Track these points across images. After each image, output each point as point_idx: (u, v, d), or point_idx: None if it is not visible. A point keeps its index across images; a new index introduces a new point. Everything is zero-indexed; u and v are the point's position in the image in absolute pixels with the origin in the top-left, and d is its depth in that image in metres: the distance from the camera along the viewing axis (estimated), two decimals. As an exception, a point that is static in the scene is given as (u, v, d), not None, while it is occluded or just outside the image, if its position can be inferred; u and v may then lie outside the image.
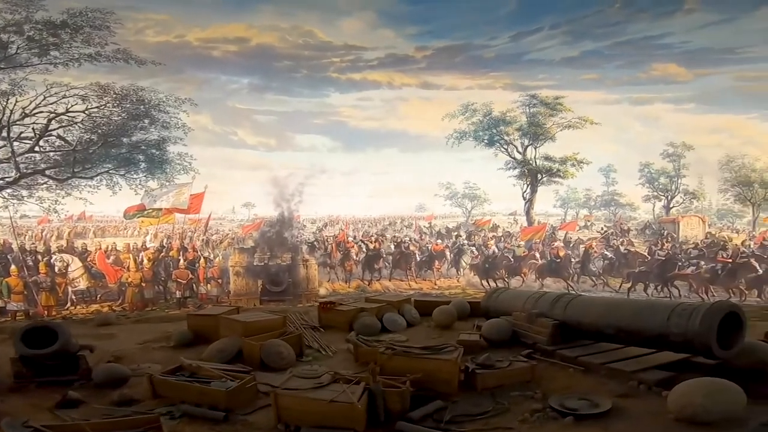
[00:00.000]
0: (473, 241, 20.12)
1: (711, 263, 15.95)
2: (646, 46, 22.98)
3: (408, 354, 3.93)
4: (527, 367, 4.03)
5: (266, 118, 32.23)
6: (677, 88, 23.27)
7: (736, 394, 2.83)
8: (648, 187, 24.13)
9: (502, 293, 6.13)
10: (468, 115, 23.34)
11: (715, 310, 3.68)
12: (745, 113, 22.83)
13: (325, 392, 3.24)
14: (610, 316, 4.34)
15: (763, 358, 3.90)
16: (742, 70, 21.76)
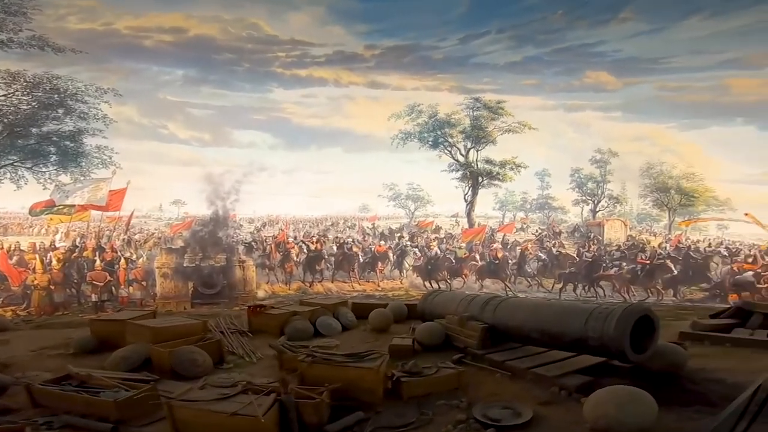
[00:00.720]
0: (416, 242, 20.25)
1: (632, 264, 17.13)
2: (583, 54, 24.40)
3: (329, 362, 3.75)
4: (454, 373, 3.95)
5: (201, 112, 30.60)
6: (607, 96, 24.86)
7: (647, 405, 2.85)
8: (577, 191, 25.68)
9: (437, 296, 6.07)
10: (414, 116, 23.57)
11: (628, 314, 3.74)
12: (665, 122, 24.80)
13: (229, 404, 2.95)
14: (535, 319, 4.38)
15: (674, 360, 4.05)
16: (665, 80, 23.50)
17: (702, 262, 16.51)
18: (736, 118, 23.30)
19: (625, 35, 23.35)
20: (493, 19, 24.74)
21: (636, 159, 24.27)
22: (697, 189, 22.28)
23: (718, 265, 16.80)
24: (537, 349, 4.49)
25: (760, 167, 22.61)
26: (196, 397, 3.07)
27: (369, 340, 5.56)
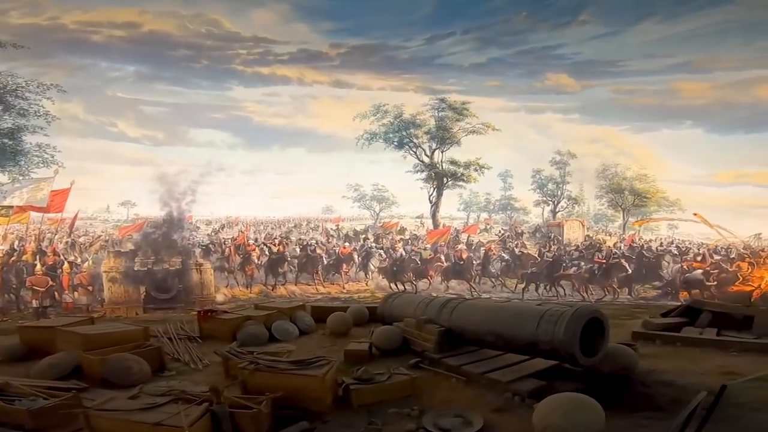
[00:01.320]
0: (381, 243, 20.14)
1: (589, 264, 17.63)
2: (544, 56, 24.87)
3: (272, 369, 3.58)
4: (407, 380, 3.85)
5: (154, 110, 29.21)
6: (566, 99, 25.47)
7: (595, 413, 2.80)
8: (538, 192, 26.31)
9: (396, 298, 5.97)
10: (379, 116, 23.48)
11: (577, 317, 3.70)
12: (619, 125, 25.69)
13: (154, 414, 2.78)
14: (489, 322, 4.32)
15: (625, 363, 4.05)
16: (619, 83, 24.30)
17: (654, 261, 17.18)
18: (685, 121, 24.48)
19: (583, 38, 23.96)
20: (458, 20, 24.97)
21: (593, 161, 25.26)
22: (649, 190, 23.39)
23: (669, 264, 17.56)
24: (493, 353, 4.43)
25: (707, 169, 23.86)
26: (118, 407, 2.89)
27: (326, 344, 5.46)
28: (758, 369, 4.15)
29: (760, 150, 21.89)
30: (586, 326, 3.76)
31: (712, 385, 3.65)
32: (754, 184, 22.76)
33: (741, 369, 4.21)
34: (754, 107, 21.92)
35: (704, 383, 3.80)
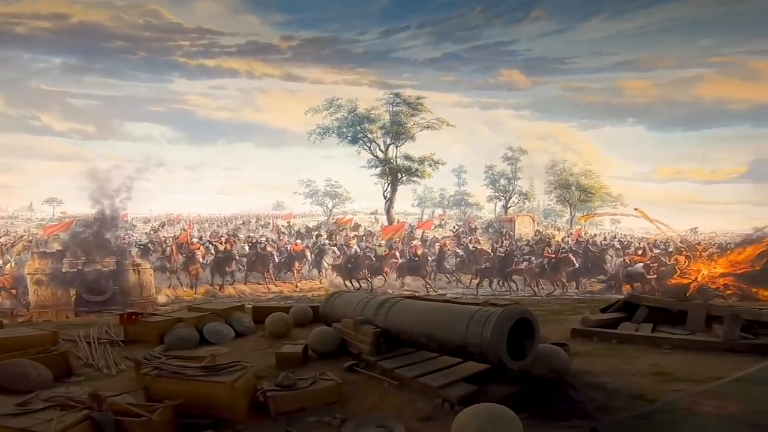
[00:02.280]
0: (335, 240, 19.80)
1: (539, 258, 18.06)
2: (497, 52, 25.01)
3: (176, 375, 3.37)
4: (332, 386, 3.65)
5: (84, 103, 27.17)
6: (518, 95, 25.88)
7: (510, 426, 2.61)
8: (491, 188, 26.68)
9: (338, 297, 5.68)
10: (333, 110, 22.99)
11: (504, 318, 3.55)
12: (567, 122, 26.42)
13: (24, 420, 2.66)
14: (422, 323, 4.16)
15: (557, 366, 3.90)
16: (567, 80, 24.92)
17: (599, 255, 17.80)
18: (628, 119, 25.44)
19: (535, 34, 24.33)
20: (413, 14, 24.77)
21: (542, 157, 25.88)
22: (594, 186, 24.33)
23: (612, 258, 18.25)
24: (430, 355, 4.26)
25: (648, 165, 25.11)
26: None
27: (263, 347, 5.27)
28: (686, 368, 4.19)
29: (697, 147, 23.26)
30: (516, 328, 3.63)
31: (641, 388, 3.67)
32: (691, 180, 24.22)
33: (671, 368, 4.21)
34: (692, 105, 23.13)
35: (635, 385, 3.77)
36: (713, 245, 17.71)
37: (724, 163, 23.35)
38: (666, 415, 3.15)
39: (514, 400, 3.50)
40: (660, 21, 22.30)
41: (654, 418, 3.12)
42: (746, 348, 4.52)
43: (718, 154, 23.45)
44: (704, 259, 16.42)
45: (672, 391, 3.55)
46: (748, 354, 4.42)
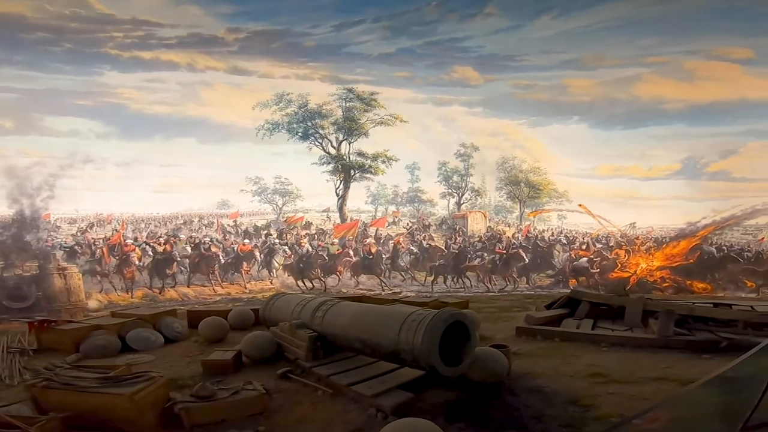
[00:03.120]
0: (285, 239, 19.15)
1: (492, 254, 18.29)
2: (451, 48, 24.89)
3: (68, 387, 3.15)
4: (256, 396, 3.41)
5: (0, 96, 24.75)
6: (471, 92, 25.92)
7: None
8: (444, 184, 26.68)
9: (278, 300, 5.47)
10: (282, 105, 22.20)
11: (435, 323, 3.38)
12: (516, 119, 26.86)
13: None
14: (356, 327, 3.98)
15: (494, 370, 3.75)
16: (517, 78, 25.29)
17: (547, 251, 18.26)
18: (573, 117, 26.20)
19: (488, 31, 24.35)
20: (368, 7, 24.18)
21: (493, 153, 26.21)
22: (542, 182, 25.07)
23: (559, 253, 18.76)
24: (370, 360, 4.07)
25: (591, 162, 26.08)
26: None
27: (193, 353, 5.06)
28: (622, 367, 4.17)
29: (635, 145, 24.48)
30: (452, 332, 3.49)
31: (578, 391, 3.62)
32: (630, 176, 25.50)
33: (608, 368, 4.20)
34: (631, 104, 24.22)
35: (572, 388, 3.72)
36: (650, 239, 18.66)
37: (660, 160, 24.75)
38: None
39: (451, 407, 3.42)
40: (604, 20, 22.91)
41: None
42: (680, 344, 4.57)
43: (655, 151, 24.81)
44: (642, 252, 17.25)
45: (607, 394, 3.48)
46: (681, 351, 4.46)
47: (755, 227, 20.84)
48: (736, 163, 22.81)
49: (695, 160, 23.70)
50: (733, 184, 22.69)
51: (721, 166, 23.37)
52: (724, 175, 23.29)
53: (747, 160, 22.31)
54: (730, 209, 17.23)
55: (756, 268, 14.91)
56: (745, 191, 21.41)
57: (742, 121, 21.85)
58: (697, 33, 21.36)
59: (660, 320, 4.81)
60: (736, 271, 15.16)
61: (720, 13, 20.81)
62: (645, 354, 4.57)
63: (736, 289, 14.82)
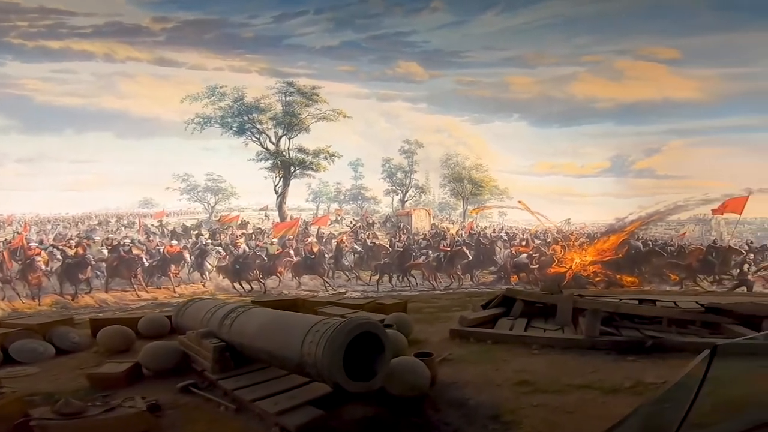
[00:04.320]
0: (219, 240, 18.09)
1: (436, 252, 18.30)
2: (396, 43, 24.36)
3: None
4: (133, 414, 3.01)
5: None
6: (415, 87, 25.58)
7: None
8: (388, 181, 26.31)
9: (191, 305, 5.01)
10: (215, 98, 20.92)
11: (337, 335, 3.01)
12: (460, 116, 26.88)
13: None
14: (262, 337, 3.67)
15: (414, 383, 3.41)
16: (461, 74, 25.18)
17: (489, 247, 18.51)
18: (513, 114, 26.64)
19: (433, 26, 23.96)
20: (312, -3, 23.21)
21: (437, 150, 26.17)
22: (484, 179, 25.45)
23: (501, 250, 19.11)
24: (283, 372, 3.71)
25: (531, 159, 26.74)
26: None
27: (89, 365, 4.61)
28: (550, 373, 3.99)
29: (569, 143, 25.41)
30: (366, 342, 3.18)
31: (502, 403, 3.38)
32: (565, 174, 26.47)
33: (536, 374, 4.00)
34: (567, 102, 25.01)
35: (496, 399, 3.50)
36: (583, 235, 19.45)
37: (592, 158, 25.84)
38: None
39: (367, 425, 3.20)
40: (544, 17, 23.41)
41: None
42: (606, 345, 4.47)
43: (588, 149, 25.84)
44: (576, 248, 17.95)
45: (531, 407, 3.23)
46: (607, 352, 4.35)
47: (677, 222, 22.38)
48: (659, 161, 24.31)
49: (623, 158, 25.05)
50: (657, 181, 24.15)
51: (646, 164, 24.78)
52: (648, 173, 24.72)
53: (669, 158, 23.83)
54: (654, 205, 18.38)
55: (678, 262, 15.92)
56: (668, 188, 22.92)
57: (666, 120, 23.26)
58: (628, 33, 22.29)
59: (586, 320, 4.70)
60: (661, 265, 16.12)
61: (650, 12, 21.73)
62: (573, 356, 4.44)
63: (661, 282, 15.75)
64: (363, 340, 3.17)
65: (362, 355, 3.24)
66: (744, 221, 19.79)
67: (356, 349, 3.16)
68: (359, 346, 3.18)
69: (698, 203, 17.92)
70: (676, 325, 4.94)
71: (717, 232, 20.97)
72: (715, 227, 21.84)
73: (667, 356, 4.05)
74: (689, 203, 17.92)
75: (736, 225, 18.88)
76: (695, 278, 15.42)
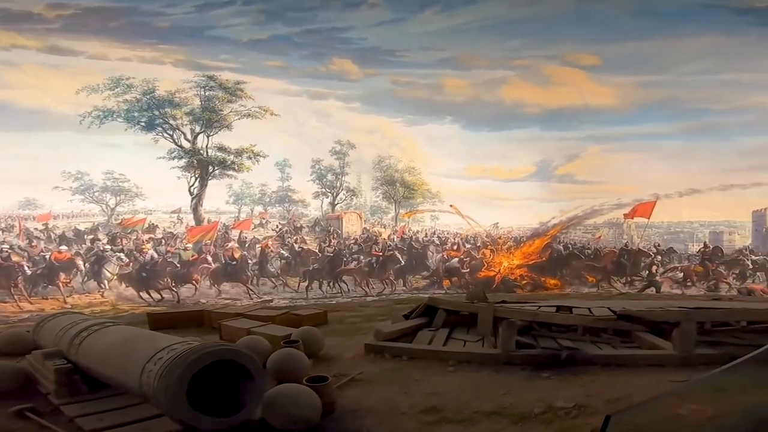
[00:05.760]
0: (120, 245, 16.53)
1: (368, 257, 17.96)
2: (331, 39, 23.50)
3: None
4: None
5: None
6: (349, 86, 24.73)
7: None
8: (318, 183, 25.46)
9: (50, 321, 4.65)
10: (119, 90, 19.16)
11: (176, 366, 2.54)
12: (394, 117, 26.49)
13: None
14: (105, 361, 3.34)
15: (300, 415, 2.93)
16: (397, 74, 24.62)
17: (421, 252, 18.50)
18: (447, 116, 26.77)
19: (371, 23, 23.17)
20: (242, -14, 21.71)
21: (370, 152, 25.75)
22: (416, 182, 25.48)
23: (433, 254, 19.18)
24: (138, 400, 3.20)
25: (462, 163, 27.06)
26: None
27: None
28: (462, 396, 3.64)
29: (498, 147, 26.11)
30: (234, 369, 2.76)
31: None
32: (494, 178, 27.20)
33: (446, 397, 3.63)
34: (497, 106, 25.51)
35: None
36: (511, 239, 20.11)
37: (519, 162, 26.69)
38: None
39: None
40: (480, 18, 23.27)
41: None
42: (521, 360, 4.24)
43: (515, 153, 26.64)
44: (504, 252, 18.47)
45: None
46: (522, 368, 4.12)
47: (594, 226, 23.87)
48: (578, 166, 25.71)
49: (547, 163, 26.21)
50: (576, 186, 25.49)
51: (567, 170, 26.06)
52: (569, 178, 26.00)
53: (587, 163, 25.29)
54: (574, 209, 19.42)
55: (595, 264, 16.88)
56: (586, 193, 24.14)
57: (585, 127, 24.54)
58: (557, 38, 22.89)
59: (502, 333, 4.46)
60: (579, 267, 17.01)
61: (577, 18, 22.52)
62: (488, 373, 4.17)
63: (580, 284, 16.62)
64: (231, 366, 2.73)
65: (232, 383, 2.82)
66: (652, 225, 21.56)
67: (222, 378, 2.74)
68: (227, 374, 2.75)
69: (612, 208, 19.20)
70: (590, 333, 4.88)
71: (628, 236, 22.59)
72: (626, 231, 23.57)
73: (579, 371, 3.92)
74: (604, 207, 19.16)
75: (645, 229, 20.49)
76: (610, 280, 16.42)
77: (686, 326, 4.16)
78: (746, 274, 16.50)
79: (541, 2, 22.87)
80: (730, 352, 3.98)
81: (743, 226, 25.19)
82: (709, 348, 4.20)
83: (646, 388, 3.19)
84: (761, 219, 22.98)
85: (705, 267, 16.28)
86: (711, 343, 4.37)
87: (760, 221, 23.08)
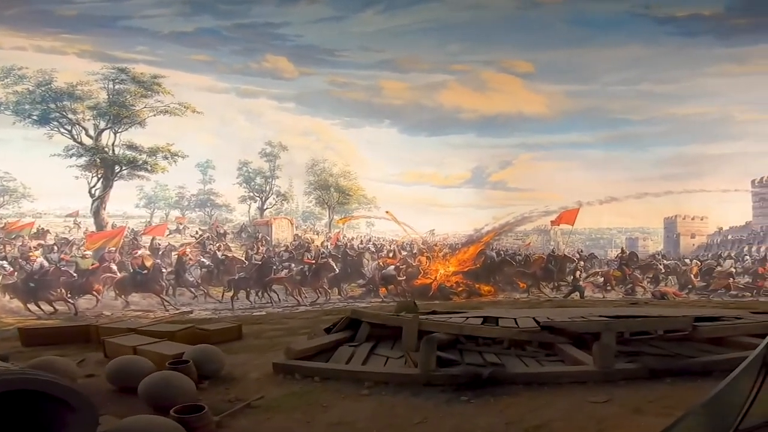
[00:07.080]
0: (3, 251, 14.60)
1: (300, 265, 17.33)
2: (265, 34, 22.40)
3: None
4: None
5: None
6: (283, 85, 23.45)
7: None
8: (245, 187, 24.15)
9: None
10: (9, 81, 17.28)
11: None
12: (330, 119, 25.48)
13: None
14: None
15: None
16: (335, 74, 23.64)
17: (357, 259, 18.15)
18: (385, 120, 26.35)
19: (309, 19, 22.22)
20: (167, -24, 20.04)
21: (303, 154, 24.81)
22: (352, 187, 24.83)
23: (369, 261, 18.90)
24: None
25: (399, 168, 26.83)
26: None
27: None
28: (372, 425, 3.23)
29: (436, 152, 26.25)
30: None
31: None
32: (431, 184, 27.31)
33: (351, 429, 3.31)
34: (435, 111, 25.48)
35: None
36: (446, 246, 20.33)
37: (455, 168, 26.91)
38: None
39: None
40: (421, 20, 22.86)
41: None
42: (443, 380, 3.93)
43: (452, 159, 26.80)
44: (440, 259, 18.62)
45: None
46: (442, 390, 3.80)
47: (524, 233, 24.87)
48: (511, 173, 26.43)
49: (482, 169, 26.73)
50: (509, 193, 26.13)
51: (500, 177, 26.65)
52: (501, 185, 26.59)
53: (519, 171, 26.06)
54: (506, 216, 20.07)
55: (525, 270, 17.48)
56: (517, 200, 24.74)
57: (518, 134, 25.19)
58: (494, 43, 22.95)
59: (421, 352, 4.13)
60: (511, 273, 17.54)
61: (514, 24, 22.65)
62: (404, 397, 3.83)
63: (512, 290, 17.11)
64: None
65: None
66: (575, 232, 22.80)
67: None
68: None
69: (540, 215, 20.07)
70: (516, 345, 4.72)
71: (555, 242, 23.71)
72: (553, 237, 24.74)
73: (500, 392, 3.71)
74: (533, 214, 19.98)
75: (570, 235, 21.64)
76: (539, 285, 17.08)
77: (606, 339, 4.10)
78: (659, 277, 17.88)
79: (482, 7, 23.01)
80: (648, 364, 3.95)
81: (656, 233, 27.39)
82: (629, 362, 4.15)
83: (568, 411, 2.99)
84: (672, 225, 25.17)
85: (623, 272, 17.46)
86: (630, 353, 4.36)
87: (671, 228, 25.28)
